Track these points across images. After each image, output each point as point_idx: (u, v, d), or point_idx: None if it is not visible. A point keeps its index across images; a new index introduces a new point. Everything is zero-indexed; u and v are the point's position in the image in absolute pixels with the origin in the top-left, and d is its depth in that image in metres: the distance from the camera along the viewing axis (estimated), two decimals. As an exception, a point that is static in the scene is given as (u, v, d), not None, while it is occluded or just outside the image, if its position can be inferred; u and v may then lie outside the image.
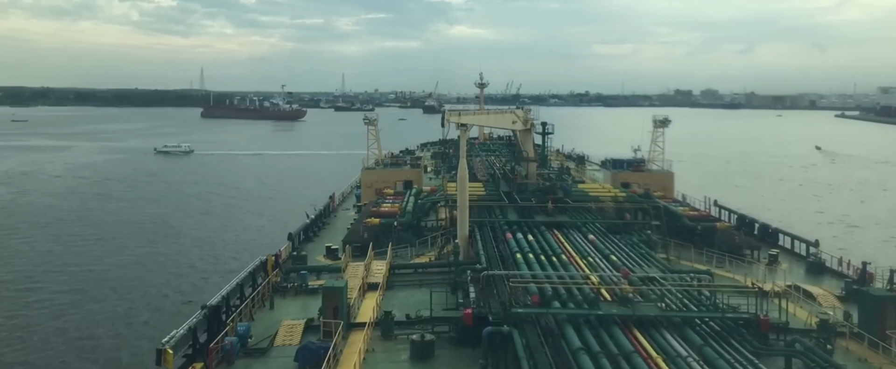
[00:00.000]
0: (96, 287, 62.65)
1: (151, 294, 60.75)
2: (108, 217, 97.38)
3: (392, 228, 50.49)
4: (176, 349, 27.76)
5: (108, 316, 54.92)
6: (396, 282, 40.39)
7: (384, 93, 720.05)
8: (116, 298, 59.30)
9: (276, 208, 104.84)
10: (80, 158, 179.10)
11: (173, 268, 69.28)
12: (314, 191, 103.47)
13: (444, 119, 48.27)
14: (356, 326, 32.16)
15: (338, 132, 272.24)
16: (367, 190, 74.08)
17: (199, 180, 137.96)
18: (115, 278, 65.48)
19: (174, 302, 58.38)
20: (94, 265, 70.55)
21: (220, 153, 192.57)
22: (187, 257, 74.22)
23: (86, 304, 57.67)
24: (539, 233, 44.66)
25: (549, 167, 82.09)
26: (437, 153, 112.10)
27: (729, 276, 41.98)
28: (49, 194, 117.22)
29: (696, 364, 24.35)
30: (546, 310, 29.42)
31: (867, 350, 29.41)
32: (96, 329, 52.19)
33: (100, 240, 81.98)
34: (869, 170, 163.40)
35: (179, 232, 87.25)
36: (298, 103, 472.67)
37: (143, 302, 58.35)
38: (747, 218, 58.86)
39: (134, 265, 70.56)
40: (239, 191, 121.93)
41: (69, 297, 59.44)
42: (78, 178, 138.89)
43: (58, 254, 74.75)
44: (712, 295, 31.32)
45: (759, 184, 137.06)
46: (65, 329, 52.05)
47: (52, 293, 60.55)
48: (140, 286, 62.95)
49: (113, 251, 76.58)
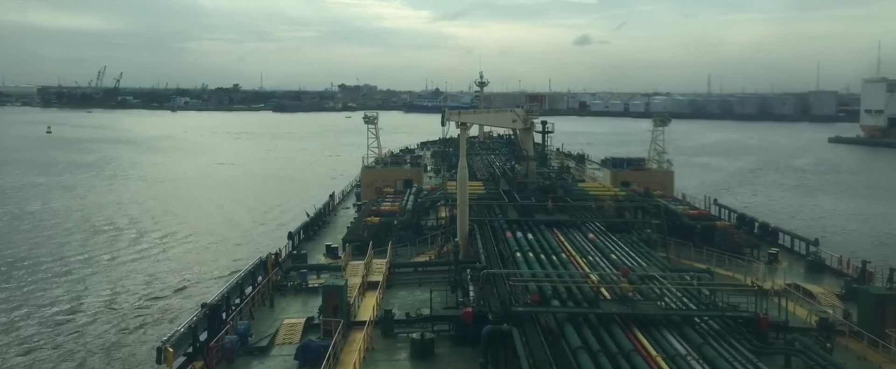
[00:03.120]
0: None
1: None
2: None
3: (392, 227, 50.54)
4: (176, 347, 27.79)
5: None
6: (396, 281, 40.44)
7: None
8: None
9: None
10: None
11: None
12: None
13: (445, 117, 48.31)
14: (356, 325, 32.22)
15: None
16: (366, 188, 74.16)
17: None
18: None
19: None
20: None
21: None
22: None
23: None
24: (539, 232, 44.68)
25: (548, 166, 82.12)
26: (437, 152, 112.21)
27: (729, 275, 42.01)
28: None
29: (696, 362, 24.39)
30: (546, 309, 29.45)
31: (867, 348, 29.43)
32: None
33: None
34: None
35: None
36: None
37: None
38: (747, 216, 58.91)
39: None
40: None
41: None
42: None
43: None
44: (712, 294, 31.36)
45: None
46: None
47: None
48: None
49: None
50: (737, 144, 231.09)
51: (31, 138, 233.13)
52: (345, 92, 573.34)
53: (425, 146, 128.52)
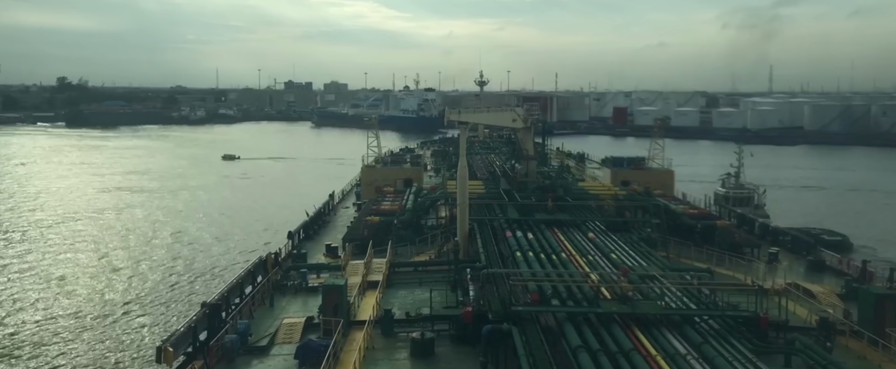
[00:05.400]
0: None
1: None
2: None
3: (392, 226, 50.54)
4: (176, 347, 27.79)
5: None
6: (396, 280, 40.41)
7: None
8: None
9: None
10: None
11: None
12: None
13: (445, 116, 48.33)
14: (356, 324, 32.18)
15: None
16: (367, 188, 74.17)
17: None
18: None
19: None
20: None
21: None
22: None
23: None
24: (539, 232, 44.68)
25: (549, 165, 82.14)
26: (437, 151, 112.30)
27: (729, 274, 42.03)
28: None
29: (696, 362, 24.36)
30: (546, 308, 29.46)
31: (867, 347, 29.43)
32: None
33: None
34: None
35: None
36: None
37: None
38: (747, 216, 58.90)
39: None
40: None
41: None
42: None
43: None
44: (712, 294, 31.38)
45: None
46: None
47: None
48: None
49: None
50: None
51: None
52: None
53: (425, 145, 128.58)
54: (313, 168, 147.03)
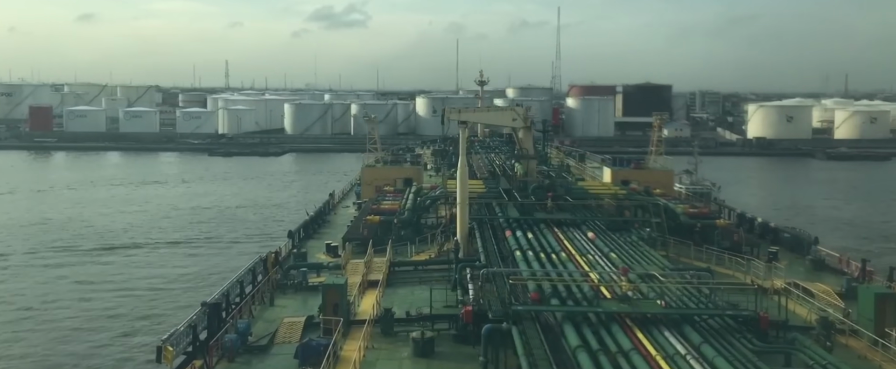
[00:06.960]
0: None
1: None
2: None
3: (392, 225, 50.53)
4: (176, 346, 27.81)
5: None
6: (396, 280, 40.40)
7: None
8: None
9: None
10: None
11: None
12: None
13: (445, 116, 48.29)
14: (356, 323, 32.21)
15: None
16: (367, 187, 74.03)
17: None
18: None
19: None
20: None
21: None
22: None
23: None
24: (539, 231, 44.68)
25: (549, 164, 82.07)
26: (437, 150, 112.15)
27: (728, 274, 42.03)
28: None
29: (695, 361, 24.36)
30: (546, 308, 29.48)
31: (867, 347, 29.46)
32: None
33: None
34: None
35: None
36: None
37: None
38: (747, 215, 58.88)
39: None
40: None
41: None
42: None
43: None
44: (712, 293, 31.38)
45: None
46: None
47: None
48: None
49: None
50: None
51: None
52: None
53: (426, 144, 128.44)
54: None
